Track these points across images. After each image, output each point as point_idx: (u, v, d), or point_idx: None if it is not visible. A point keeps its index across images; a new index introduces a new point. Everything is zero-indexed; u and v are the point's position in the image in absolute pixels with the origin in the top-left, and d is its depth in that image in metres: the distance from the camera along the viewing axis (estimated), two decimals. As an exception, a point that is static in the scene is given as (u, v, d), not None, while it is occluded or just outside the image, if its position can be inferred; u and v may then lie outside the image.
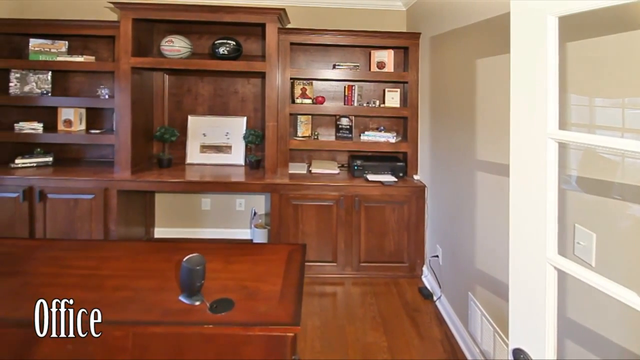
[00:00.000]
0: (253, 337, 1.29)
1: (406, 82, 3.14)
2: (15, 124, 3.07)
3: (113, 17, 3.34)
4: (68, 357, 1.28)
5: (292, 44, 3.03)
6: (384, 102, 3.27)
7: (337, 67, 3.16)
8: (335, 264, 2.92)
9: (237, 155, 3.35)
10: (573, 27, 1.26)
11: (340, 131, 3.28)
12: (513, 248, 0.96)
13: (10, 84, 3.10)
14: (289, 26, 3.34)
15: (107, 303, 1.38)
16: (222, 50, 3.00)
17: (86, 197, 2.87)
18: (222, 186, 2.92)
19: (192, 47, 3.09)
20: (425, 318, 2.42)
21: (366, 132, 3.19)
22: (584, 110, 1.33)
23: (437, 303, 2.55)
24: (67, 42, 3.19)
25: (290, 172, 3.09)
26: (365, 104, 3.23)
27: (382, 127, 3.30)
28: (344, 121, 3.28)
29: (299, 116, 3.29)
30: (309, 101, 3.22)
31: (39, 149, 3.19)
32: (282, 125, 3.01)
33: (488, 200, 1.92)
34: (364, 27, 3.37)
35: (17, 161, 3.03)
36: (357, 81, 3.26)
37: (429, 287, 2.73)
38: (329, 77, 3.11)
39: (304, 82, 3.24)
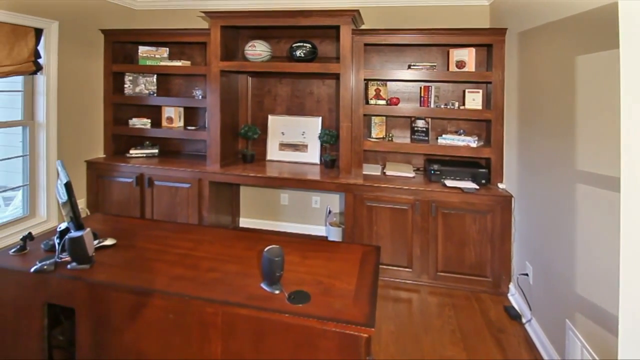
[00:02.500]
0: (328, 332, 1.33)
1: (489, 83, 2.94)
2: (129, 120, 3.60)
3: (204, 25, 3.70)
4: (169, 324, 1.47)
5: (366, 44, 3.02)
6: (463, 104, 3.11)
7: (412, 67, 3.06)
8: (410, 270, 2.85)
9: (313, 154, 3.48)
10: None
11: (416, 133, 3.20)
12: (625, 277, 0.85)
13: (125, 86, 3.62)
14: (363, 27, 3.34)
15: (202, 282, 1.55)
16: (298, 53, 3.13)
17: (184, 185, 3.24)
18: (299, 183, 3.05)
19: (272, 50, 3.28)
20: (512, 340, 2.22)
21: (444, 135, 3.05)
22: None
23: (527, 326, 2.32)
24: (167, 49, 3.61)
25: (364, 172, 3.09)
26: (442, 106, 3.10)
27: (461, 130, 3.14)
28: (420, 123, 3.20)
29: (372, 117, 3.28)
30: (383, 102, 3.19)
31: (147, 142, 3.69)
32: (356, 126, 3.02)
33: (592, 217, 1.71)
34: (442, 24, 3.24)
35: (131, 152, 3.56)
36: (434, 82, 3.13)
37: (516, 308, 2.51)
38: (404, 77, 3.02)
39: (378, 83, 3.21)
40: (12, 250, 1.76)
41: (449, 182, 2.87)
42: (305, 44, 3.13)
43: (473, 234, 2.73)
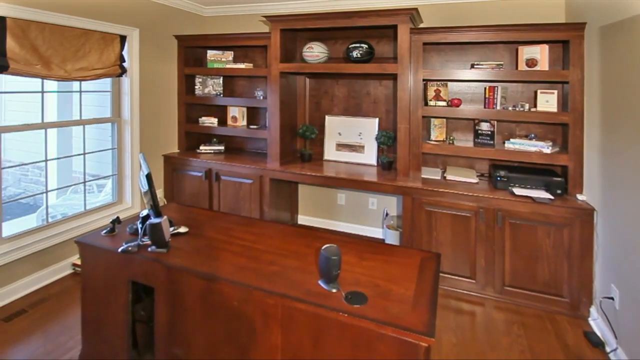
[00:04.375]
0: (386, 336, 1.31)
1: (566, 83, 2.68)
2: (199, 119, 3.88)
3: (265, 28, 3.86)
4: (234, 310, 1.56)
5: (425, 44, 2.91)
6: (535, 106, 2.88)
7: (475, 66, 2.88)
8: (473, 281, 2.71)
9: (370, 155, 3.45)
10: None
11: (480, 137, 3.03)
12: None
13: (196, 87, 3.90)
14: (421, 26, 3.24)
15: (263, 274, 1.62)
16: (355, 53, 3.11)
17: (247, 181, 3.42)
18: (355, 184, 3.04)
19: (329, 52, 3.31)
20: (593, 370, 2.00)
21: (512, 140, 2.84)
22: None
23: (611, 355, 2.09)
24: (232, 52, 3.82)
25: (423, 176, 3.00)
26: (510, 108, 2.89)
27: (532, 135, 2.91)
28: (484, 126, 3.02)
29: (432, 119, 3.17)
30: (444, 103, 3.06)
31: (215, 139, 3.96)
32: (414, 128, 2.93)
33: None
34: (508, 20, 3.03)
35: (201, 148, 3.85)
36: (501, 82, 2.93)
37: (599, 334, 2.27)
38: (467, 77, 2.84)
39: (438, 83, 3.08)
40: (104, 231, 1.99)
41: (518, 191, 2.67)
42: (361, 45, 3.12)
43: (546, 249, 2.51)
